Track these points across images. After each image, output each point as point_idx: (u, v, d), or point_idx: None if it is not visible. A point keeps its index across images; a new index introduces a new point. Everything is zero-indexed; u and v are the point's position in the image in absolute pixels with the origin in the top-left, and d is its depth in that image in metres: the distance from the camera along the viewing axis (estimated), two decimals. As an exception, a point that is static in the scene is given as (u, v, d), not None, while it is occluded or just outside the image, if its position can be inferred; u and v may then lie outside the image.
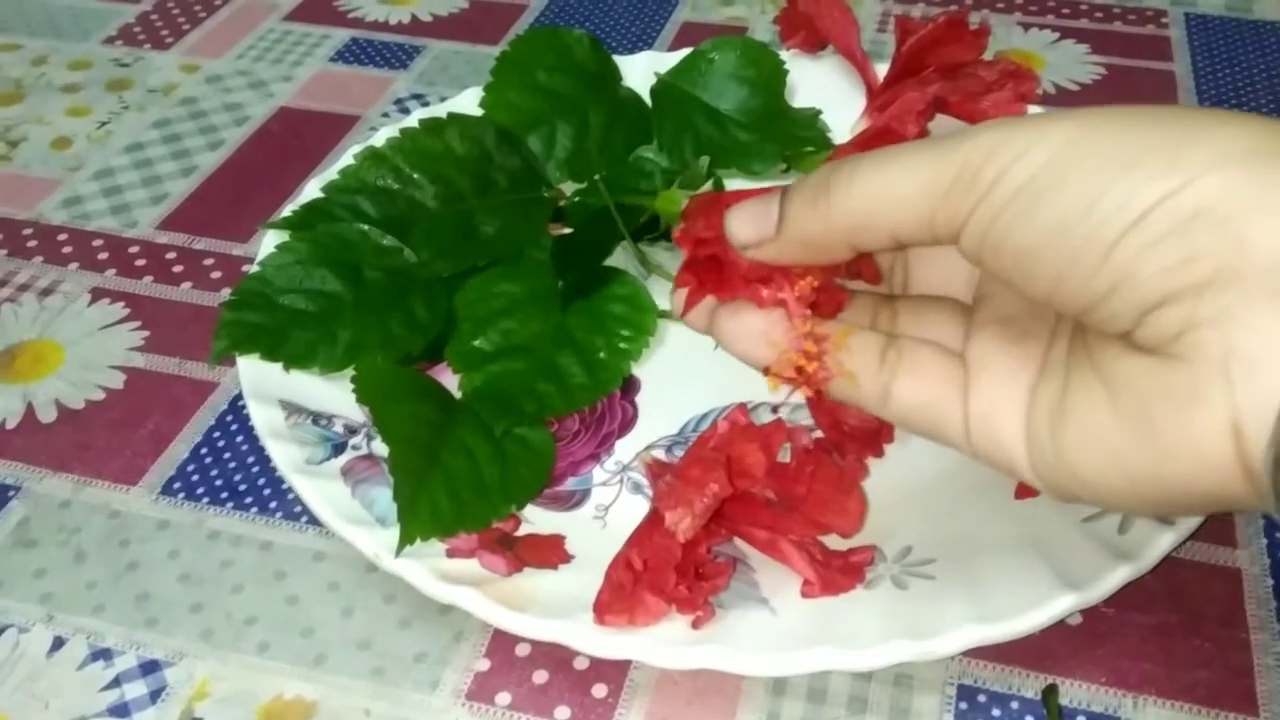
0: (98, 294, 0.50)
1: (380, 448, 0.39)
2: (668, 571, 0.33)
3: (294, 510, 0.41)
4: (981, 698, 0.35)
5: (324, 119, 0.60)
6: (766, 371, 0.33)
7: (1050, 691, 0.35)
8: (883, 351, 0.32)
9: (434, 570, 0.35)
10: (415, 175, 0.48)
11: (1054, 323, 0.30)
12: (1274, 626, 0.36)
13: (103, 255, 0.52)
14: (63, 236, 0.53)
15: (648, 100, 0.54)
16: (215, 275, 0.51)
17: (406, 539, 0.35)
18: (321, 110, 0.61)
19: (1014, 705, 0.35)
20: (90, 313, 0.49)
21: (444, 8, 0.70)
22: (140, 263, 0.51)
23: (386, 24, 0.69)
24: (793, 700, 0.35)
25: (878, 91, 0.53)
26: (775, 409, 0.42)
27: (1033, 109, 0.52)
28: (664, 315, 0.45)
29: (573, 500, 0.40)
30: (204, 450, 0.43)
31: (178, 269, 0.51)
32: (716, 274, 0.33)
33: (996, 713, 0.34)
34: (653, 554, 0.34)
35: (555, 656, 0.36)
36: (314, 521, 0.40)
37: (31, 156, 0.58)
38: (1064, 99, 0.62)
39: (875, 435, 0.39)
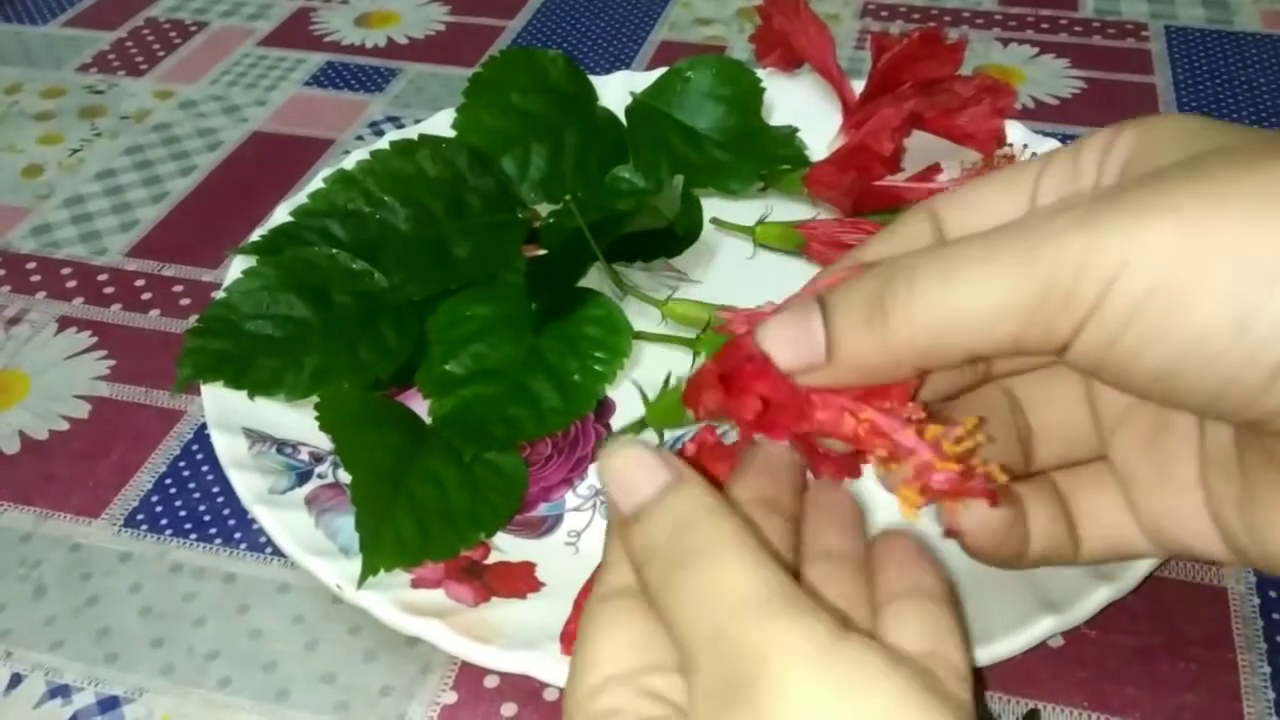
0: (65, 322, 0.49)
1: (347, 476, 0.38)
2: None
3: (259, 541, 0.40)
4: (961, 724, 0.34)
5: (297, 143, 0.60)
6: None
7: (1032, 716, 0.34)
8: (1056, 503, 0.30)
9: (397, 601, 0.34)
10: (386, 198, 0.47)
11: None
12: (1261, 646, 0.35)
13: (71, 283, 0.51)
14: (31, 265, 0.52)
15: (624, 120, 0.53)
16: (184, 302, 0.50)
17: (369, 569, 0.34)
18: (295, 134, 0.60)
19: (995, 732, 0.34)
20: (57, 342, 0.48)
21: (420, 30, 0.70)
22: (108, 290, 0.51)
23: (362, 47, 0.68)
24: (768, 729, 0.34)
25: (854, 108, 0.52)
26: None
27: (1010, 124, 0.51)
28: (639, 336, 0.44)
29: (544, 526, 0.39)
30: (168, 481, 0.42)
31: (146, 296, 0.50)
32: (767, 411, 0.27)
33: (976, 740, 0.33)
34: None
35: (524, 688, 0.35)
36: (279, 553, 0.39)
37: (2, 185, 0.57)
38: (1044, 113, 0.61)
39: (853, 458, 0.39)
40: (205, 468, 0.42)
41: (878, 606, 0.27)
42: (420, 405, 0.41)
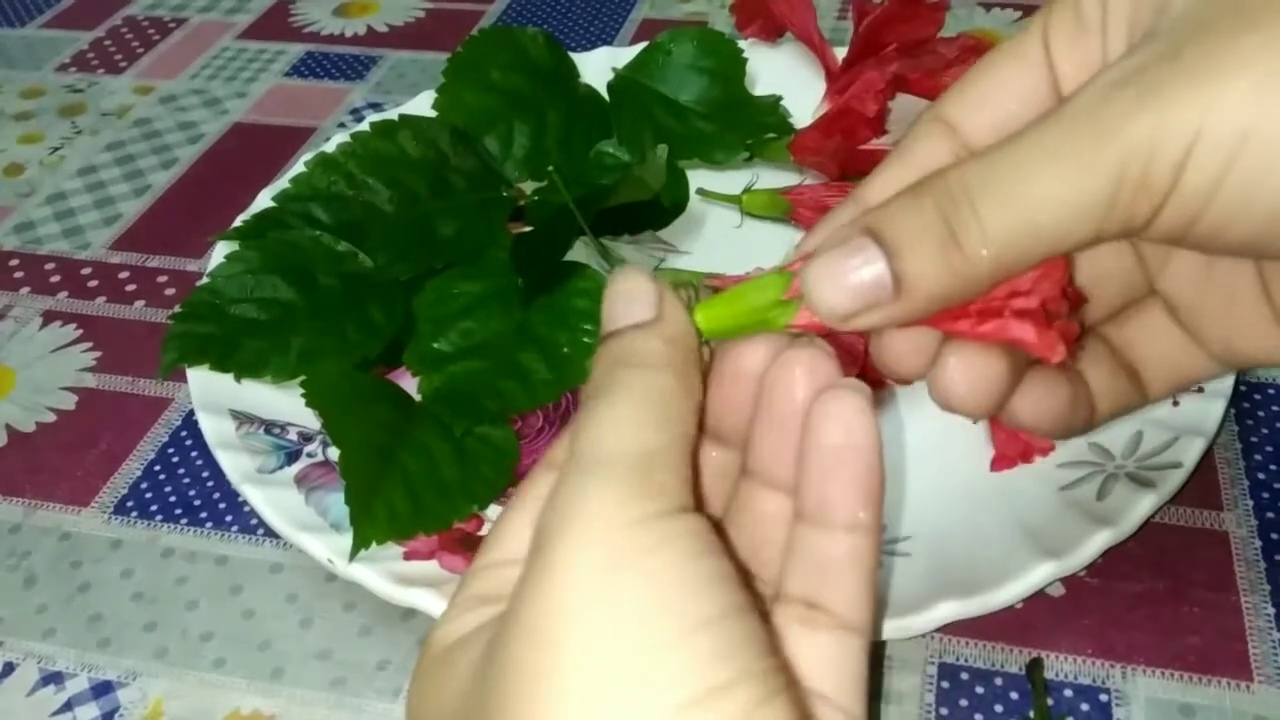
0: (49, 316, 0.49)
1: (336, 454, 0.38)
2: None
3: (250, 523, 0.39)
4: (964, 675, 0.33)
5: (279, 132, 0.59)
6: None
7: (1034, 666, 0.33)
8: (1112, 357, 0.29)
9: (390, 573, 0.34)
10: (369, 180, 0.47)
11: None
12: (1265, 588, 0.35)
13: (55, 278, 0.51)
14: (14, 262, 0.52)
15: (606, 96, 0.53)
16: (169, 292, 0.49)
17: (361, 542, 0.34)
18: (276, 124, 0.60)
19: (997, 682, 0.33)
20: (42, 336, 0.48)
21: (400, 18, 0.69)
22: (92, 284, 0.50)
23: (342, 36, 0.68)
24: (770, 689, 0.34)
25: (837, 74, 0.52)
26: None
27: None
28: (627, 307, 0.44)
29: (538, 498, 0.39)
30: (158, 467, 0.42)
31: (130, 288, 0.50)
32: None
33: (980, 690, 0.33)
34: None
35: (522, 657, 0.34)
36: (270, 533, 0.39)
37: (-17, 185, 0.57)
38: (1029, 76, 0.61)
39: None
40: (194, 453, 0.42)
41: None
42: (410, 384, 0.41)
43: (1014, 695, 0.33)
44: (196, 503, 0.40)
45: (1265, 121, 0.21)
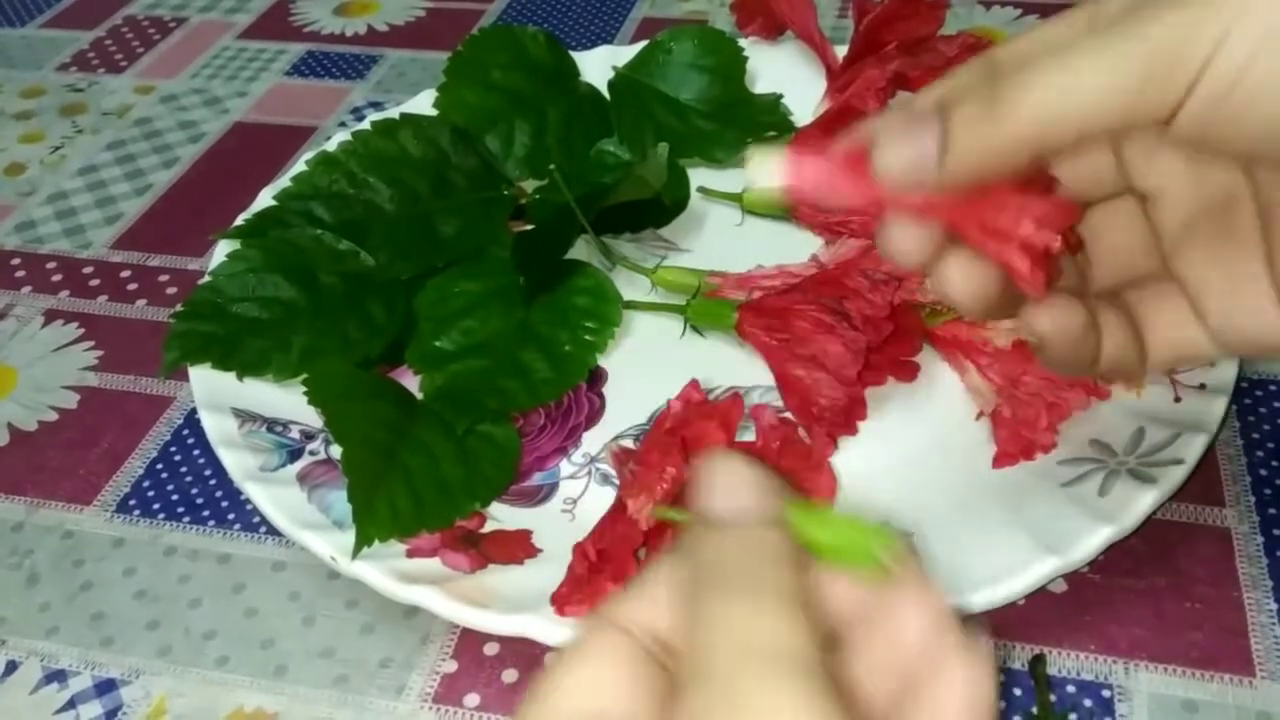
0: (51, 315, 0.49)
1: (338, 452, 0.38)
2: (629, 558, 0.32)
3: (252, 521, 0.39)
4: (966, 672, 0.33)
5: (280, 131, 0.59)
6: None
7: (1037, 662, 0.33)
8: (1123, 312, 0.30)
9: (393, 571, 0.34)
10: (370, 179, 0.47)
11: (1255, 191, 0.28)
12: (1267, 584, 0.35)
13: (56, 277, 0.51)
14: (15, 261, 0.52)
15: (607, 94, 0.53)
16: (170, 291, 0.50)
17: (364, 540, 0.34)
18: (277, 123, 0.60)
19: (1000, 678, 0.33)
20: (44, 335, 0.48)
21: (400, 17, 0.69)
22: (94, 283, 0.50)
23: (342, 35, 0.68)
24: (773, 686, 0.34)
25: (838, 72, 0.52)
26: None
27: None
28: (629, 305, 0.44)
29: (540, 495, 0.39)
30: (160, 466, 0.42)
31: (132, 287, 0.50)
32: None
33: (982, 686, 0.33)
34: (612, 542, 0.33)
35: (525, 654, 0.34)
36: (273, 532, 0.39)
37: (-16, 184, 0.57)
38: (1029, 73, 0.61)
39: (848, 414, 0.38)
40: (196, 451, 0.42)
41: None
42: (411, 382, 0.41)
43: (1017, 691, 0.33)
44: (199, 501, 0.40)
45: None
